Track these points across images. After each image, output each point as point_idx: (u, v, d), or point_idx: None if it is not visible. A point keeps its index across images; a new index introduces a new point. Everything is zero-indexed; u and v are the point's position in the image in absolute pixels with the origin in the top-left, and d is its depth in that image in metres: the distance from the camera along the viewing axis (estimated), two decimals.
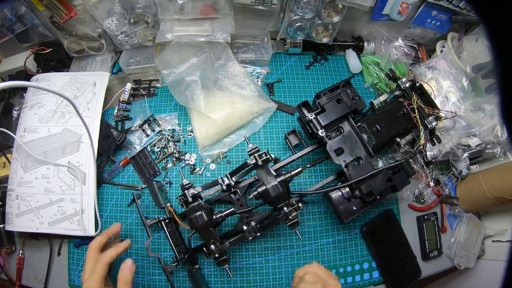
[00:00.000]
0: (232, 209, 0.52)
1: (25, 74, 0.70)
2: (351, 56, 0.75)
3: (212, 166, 0.64)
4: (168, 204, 0.57)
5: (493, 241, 0.69)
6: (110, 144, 0.63)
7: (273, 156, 0.52)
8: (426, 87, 0.62)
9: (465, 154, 0.65)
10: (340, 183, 0.55)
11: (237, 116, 0.65)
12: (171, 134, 0.66)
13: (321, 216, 0.63)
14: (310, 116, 0.55)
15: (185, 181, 0.51)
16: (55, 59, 0.72)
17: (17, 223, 0.58)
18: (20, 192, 0.59)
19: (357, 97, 0.59)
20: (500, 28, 0.15)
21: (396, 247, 0.64)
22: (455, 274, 0.74)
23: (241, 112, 0.65)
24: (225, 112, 0.64)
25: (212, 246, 0.49)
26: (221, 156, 0.64)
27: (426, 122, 0.59)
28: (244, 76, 0.68)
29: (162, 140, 0.66)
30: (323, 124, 0.55)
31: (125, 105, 0.69)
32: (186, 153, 0.65)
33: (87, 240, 0.57)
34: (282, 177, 0.49)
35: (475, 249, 0.66)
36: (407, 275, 0.63)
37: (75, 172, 0.59)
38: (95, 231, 0.58)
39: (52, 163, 0.59)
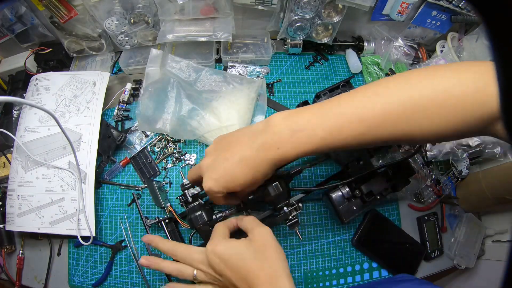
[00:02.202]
0: (232, 209, 0.52)
1: (25, 74, 0.70)
2: (351, 56, 0.75)
3: None
4: (168, 204, 0.57)
5: (493, 241, 0.69)
6: (110, 144, 0.63)
7: None
8: None
9: (465, 154, 0.65)
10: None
11: (244, 109, 0.65)
12: None
13: (321, 216, 0.63)
14: None
15: (185, 181, 0.51)
16: (55, 59, 0.72)
17: (18, 223, 0.58)
18: (21, 192, 0.59)
19: None
20: (500, 28, 0.15)
21: (392, 241, 0.63)
22: (455, 274, 0.74)
23: (245, 103, 0.65)
24: (234, 112, 0.64)
25: None
26: None
27: None
28: (219, 75, 0.68)
29: (162, 140, 0.66)
30: None
31: (125, 105, 0.69)
32: (186, 153, 0.65)
33: (87, 240, 0.57)
34: (282, 177, 0.49)
35: (475, 249, 0.66)
36: (413, 259, 0.63)
37: (76, 170, 0.59)
38: (95, 232, 0.58)
39: (52, 166, 0.59)
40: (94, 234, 0.57)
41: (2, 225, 0.60)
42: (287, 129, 0.37)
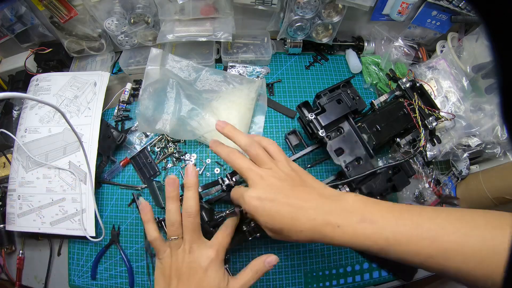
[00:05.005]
0: (233, 209, 0.52)
1: (25, 74, 0.70)
2: (351, 56, 0.75)
3: (217, 170, 0.64)
4: None
5: None
6: (110, 144, 0.63)
7: None
8: (426, 87, 0.62)
9: (465, 154, 0.65)
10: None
11: (244, 109, 0.65)
12: None
13: None
14: (310, 116, 0.55)
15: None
16: (55, 59, 0.72)
17: (19, 223, 0.58)
18: (22, 192, 0.59)
19: (357, 97, 0.59)
20: (500, 28, 0.15)
21: None
22: None
23: (245, 103, 0.65)
24: (234, 112, 0.64)
25: None
26: None
27: (426, 122, 0.59)
28: (219, 75, 0.68)
29: (162, 140, 0.66)
30: (323, 124, 0.55)
31: (125, 105, 0.69)
32: (186, 153, 0.65)
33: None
34: None
35: None
36: None
37: (76, 170, 0.59)
38: (95, 232, 0.58)
39: (53, 167, 0.59)
40: (94, 235, 0.57)
41: (2, 225, 0.60)
42: (358, 213, 0.34)
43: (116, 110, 0.68)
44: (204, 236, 0.49)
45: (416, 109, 0.59)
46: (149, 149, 0.65)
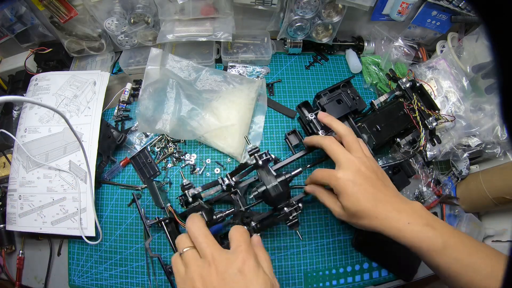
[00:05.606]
0: (233, 209, 0.52)
1: (25, 74, 0.70)
2: (351, 56, 0.75)
3: (217, 170, 0.64)
4: (168, 204, 0.57)
5: (493, 241, 0.69)
6: (110, 144, 0.63)
7: (273, 156, 0.52)
8: (426, 87, 0.62)
9: (465, 154, 0.65)
10: None
11: (244, 109, 0.65)
12: None
13: (321, 216, 0.63)
14: (310, 116, 0.55)
15: (185, 181, 0.51)
16: (55, 59, 0.72)
17: (20, 223, 0.58)
18: (23, 192, 0.59)
19: (357, 97, 0.59)
20: (500, 28, 0.15)
21: (392, 241, 0.63)
22: None
23: (245, 103, 0.65)
24: (234, 111, 0.64)
25: None
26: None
27: (426, 122, 0.59)
28: (219, 75, 0.68)
29: (162, 140, 0.66)
30: (323, 125, 0.55)
31: (125, 105, 0.69)
32: (186, 153, 0.65)
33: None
34: (283, 177, 0.49)
35: None
36: (413, 260, 0.62)
37: (76, 170, 0.59)
38: (95, 232, 0.58)
39: (53, 168, 0.59)
40: (93, 234, 0.57)
41: (2, 225, 0.60)
42: (424, 217, 0.41)
43: (116, 110, 0.68)
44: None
45: (416, 109, 0.59)
46: (149, 149, 0.65)
